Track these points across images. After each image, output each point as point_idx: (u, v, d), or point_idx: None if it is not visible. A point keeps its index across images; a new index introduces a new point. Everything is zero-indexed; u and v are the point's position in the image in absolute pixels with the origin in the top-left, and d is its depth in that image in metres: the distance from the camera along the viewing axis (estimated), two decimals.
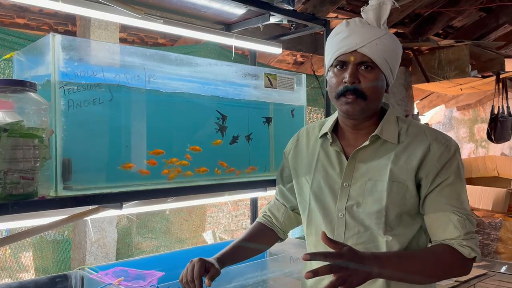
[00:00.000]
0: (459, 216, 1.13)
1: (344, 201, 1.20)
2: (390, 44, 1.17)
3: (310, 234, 1.30)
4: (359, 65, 1.15)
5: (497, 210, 4.78)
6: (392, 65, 1.19)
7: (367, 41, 1.14)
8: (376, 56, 1.14)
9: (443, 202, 1.14)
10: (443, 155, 1.16)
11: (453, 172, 1.15)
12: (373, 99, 1.17)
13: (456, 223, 1.12)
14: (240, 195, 1.89)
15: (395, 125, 1.22)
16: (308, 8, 3.33)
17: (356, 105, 1.16)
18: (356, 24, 1.18)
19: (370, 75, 1.15)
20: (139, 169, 1.39)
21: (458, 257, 1.11)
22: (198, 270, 1.19)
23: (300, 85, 1.93)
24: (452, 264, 1.12)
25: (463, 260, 1.11)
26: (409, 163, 1.16)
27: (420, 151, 1.16)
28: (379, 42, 1.14)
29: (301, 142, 1.38)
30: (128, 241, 3.09)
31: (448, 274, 1.15)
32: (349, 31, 1.17)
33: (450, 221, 1.12)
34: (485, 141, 6.45)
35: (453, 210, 1.13)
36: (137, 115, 1.41)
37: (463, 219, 1.12)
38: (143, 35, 3.54)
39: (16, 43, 2.15)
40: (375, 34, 1.15)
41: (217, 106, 1.62)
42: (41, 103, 1.16)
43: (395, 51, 1.19)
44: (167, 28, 1.70)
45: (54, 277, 1.66)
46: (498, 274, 2.47)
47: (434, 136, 1.19)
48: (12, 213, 1.06)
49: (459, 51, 4.23)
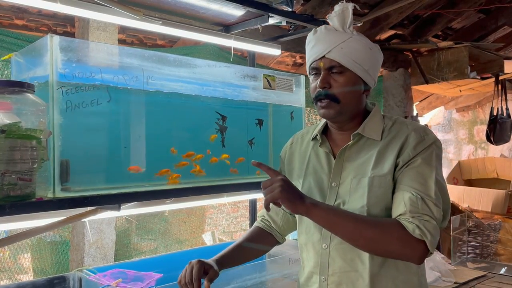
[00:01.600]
0: (412, 195, 1.12)
1: (332, 200, 1.23)
2: (356, 46, 1.20)
3: (301, 233, 1.33)
4: (330, 70, 1.21)
5: (497, 211, 4.77)
6: (365, 65, 1.21)
7: (332, 46, 1.19)
8: (344, 59, 1.19)
9: (403, 182, 1.14)
10: (419, 145, 1.17)
11: (421, 157, 1.16)
12: (347, 102, 1.22)
13: (406, 201, 1.11)
14: (239, 197, 1.88)
15: (380, 123, 1.25)
16: (307, 9, 3.33)
17: (330, 109, 1.21)
18: (322, 31, 1.23)
19: (341, 79, 1.20)
20: (171, 176, 1.43)
21: (402, 232, 1.08)
22: (197, 272, 1.20)
23: (299, 87, 1.93)
24: (391, 235, 1.09)
25: (406, 235, 1.08)
26: (390, 156, 1.18)
27: (399, 142, 1.19)
28: (344, 46, 1.19)
29: (295, 146, 1.42)
30: (126, 242, 3.09)
31: (384, 244, 1.10)
32: (316, 39, 1.23)
33: (403, 199, 1.12)
34: (485, 142, 6.45)
35: (409, 190, 1.13)
36: (135, 116, 1.41)
37: (416, 198, 1.11)
38: (142, 36, 3.54)
39: (14, 44, 2.14)
40: (340, 38, 1.20)
41: (216, 107, 1.62)
42: (39, 104, 1.16)
43: (364, 51, 1.21)
44: (166, 30, 1.69)
45: (52, 278, 1.66)
46: (497, 275, 2.47)
47: (413, 127, 1.21)
48: (9, 214, 1.06)
49: (458, 53, 4.23)
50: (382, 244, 1.10)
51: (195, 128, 1.58)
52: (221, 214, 4.77)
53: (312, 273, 1.26)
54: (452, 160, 6.92)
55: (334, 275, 1.21)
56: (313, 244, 1.26)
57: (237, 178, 1.68)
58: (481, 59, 4.46)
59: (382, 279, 1.18)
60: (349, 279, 1.19)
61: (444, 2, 4.06)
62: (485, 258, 3.54)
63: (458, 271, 2.48)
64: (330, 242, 1.21)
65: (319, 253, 1.23)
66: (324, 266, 1.22)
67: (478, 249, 3.64)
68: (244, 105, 1.73)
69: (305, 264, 1.30)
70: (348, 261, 1.19)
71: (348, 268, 1.19)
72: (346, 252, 1.19)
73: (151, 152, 1.43)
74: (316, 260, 1.24)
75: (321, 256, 1.23)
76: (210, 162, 1.59)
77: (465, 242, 3.59)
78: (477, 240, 3.67)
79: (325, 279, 1.22)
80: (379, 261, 1.18)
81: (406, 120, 1.28)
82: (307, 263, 1.29)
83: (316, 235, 1.25)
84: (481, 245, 3.62)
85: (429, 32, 4.27)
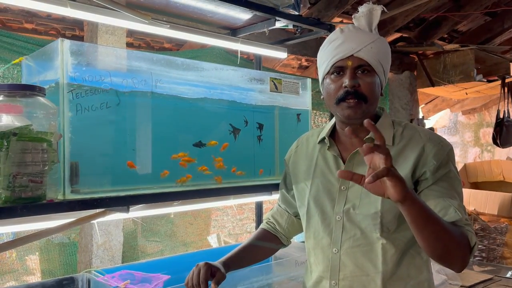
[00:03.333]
0: (459, 203, 1.13)
1: (342, 204, 1.22)
2: (382, 47, 1.21)
3: (309, 238, 1.32)
4: (357, 69, 1.18)
5: (503, 214, 4.75)
6: (385, 67, 1.22)
7: (362, 45, 1.17)
8: (372, 59, 1.18)
9: (442, 191, 1.14)
10: (438, 153, 1.17)
11: (451, 168, 1.17)
12: (373, 102, 1.21)
13: (457, 207, 1.11)
14: (245, 199, 1.89)
15: (390, 128, 1.25)
16: (313, 13, 3.34)
17: (358, 109, 1.18)
18: (350, 30, 1.21)
19: (368, 78, 1.19)
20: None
21: (464, 239, 1.06)
22: (204, 274, 1.21)
23: (305, 89, 1.94)
24: (460, 242, 1.05)
25: (466, 243, 1.06)
26: (405, 164, 1.18)
27: (415, 152, 1.18)
28: (373, 46, 1.18)
29: (301, 149, 1.41)
30: (133, 244, 3.10)
31: (453, 249, 1.04)
32: (344, 38, 1.20)
33: (451, 205, 1.11)
34: (491, 145, 6.42)
35: (452, 197, 1.13)
36: (144, 119, 1.43)
37: (462, 207, 1.12)
38: (149, 40, 3.57)
39: (24, 48, 2.16)
40: (369, 38, 1.19)
41: (223, 110, 1.64)
42: (49, 107, 1.17)
43: (387, 54, 1.23)
44: (173, 33, 1.71)
45: (61, 279, 1.67)
46: (504, 279, 2.46)
47: (428, 137, 1.21)
48: (20, 216, 1.07)
49: (464, 55, 4.23)
50: (452, 250, 1.04)
51: (204, 130, 1.59)
52: (227, 216, 4.78)
53: (322, 277, 1.25)
54: (458, 162, 6.89)
55: (345, 280, 1.20)
56: (322, 248, 1.25)
57: (244, 180, 1.69)
58: (487, 61, 4.45)
59: (394, 284, 1.18)
60: (360, 284, 1.19)
61: (450, 5, 4.06)
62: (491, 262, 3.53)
63: (464, 274, 2.47)
64: (340, 247, 1.21)
65: (329, 257, 1.23)
66: (334, 271, 1.22)
67: (485, 252, 3.63)
68: (250, 108, 1.74)
69: (313, 268, 1.30)
70: (359, 266, 1.19)
71: (359, 272, 1.19)
72: (357, 256, 1.19)
73: (159, 155, 1.44)
74: (326, 265, 1.24)
75: (332, 261, 1.22)
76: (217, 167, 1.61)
77: None
78: (484, 243, 3.66)
79: (335, 284, 1.22)
80: (392, 266, 1.18)
81: (416, 125, 1.28)
82: (316, 267, 1.28)
83: (326, 239, 1.24)
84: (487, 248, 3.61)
85: (435, 35, 4.26)
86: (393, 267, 1.17)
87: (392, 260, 1.18)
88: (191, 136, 1.55)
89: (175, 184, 1.47)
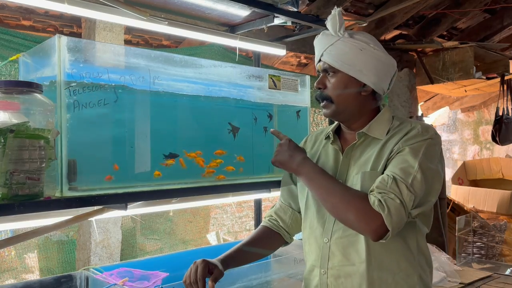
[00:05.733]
0: (387, 175, 1.13)
1: None
2: (343, 48, 1.23)
3: (305, 228, 1.36)
4: (326, 72, 1.27)
5: (502, 212, 4.76)
6: (356, 66, 1.23)
7: (323, 49, 1.26)
8: (333, 61, 1.24)
9: (387, 168, 1.17)
10: (413, 138, 1.19)
11: (409, 146, 1.17)
12: (341, 101, 1.26)
13: (378, 179, 1.14)
14: (244, 196, 1.89)
15: (387, 123, 1.28)
16: (312, 9, 3.33)
17: (327, 109, 1.28)
18: (318, 36, 1.31)
19: (333, 80, 1.26)
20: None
21: (363, 204, 1.11)
22: (202, 271, 1.21)
23: (304, 87, 1.93)
24: (353, 204, 1.13)
25: (366, 207, 1.11)
26: (387, 151, 1.21)
27: (398, 137, 1.21)
28: (332, 48, 1.24)
29: (308, 145, 1.45)
30: (132, 242, 3.10)
31: (344, 210, 1.14)
32: (315, 44, 1.32)
33: (376, 179, 1.15)
34: (490, 143, 6.42)
35: (387, 173, 1.15)
36: (142, 116, 1.42)
37: (388, 178, 1.13)
38: (147, 37, 3.56)
39: (22, 44, 2.15)
40: (329, 41, 1.25)
41: (221, 107, 1.63)
42: (47, 104, 1.17)
43: (352, 52, 1.23)
44: (171, 30, 1.70)
45: (59, 277, 1.67)
46: (503, 276, 2.46)
47: (416, 125, 1.23)
48: (18, 213, 1.07)
49: (463, 53, 4.22)
50: (342, 211, 1.15)
51: (202, 127, 1.58)
52: (226, 214, 4.78)
53: (314, 266, 1.30)
54: (457, 160, 6.90)
55: (333, 269, 1.24)
56: (315, 238, 1.29)
57: (242, 178, 1.68)
58: (487, 59, 4.44)
59: (380, 274, 1.20)
60: (346, 273, 1.22)
61: (449, 2, 4.05)
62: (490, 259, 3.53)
63: (463, 271, 2.47)
64: (331, 237, 1.25)
65: (321, 246, 1.27)
66: (324, 260, 1.26)
67: (484, 250, 3.63)
68: (249, 105, 1.73)
69: (308, 257, 1.34)
70: (346, 255, 1.22)
71: (346, 262, 1.22)
72: (345, 246, 1.22)
73: (157, 152, 1.44)
74: (317, 254, 1.28)
75: (322, 250, 1.26)
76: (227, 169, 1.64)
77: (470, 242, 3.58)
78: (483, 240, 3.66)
79: (324, 272, 1.25)
80: (376, 256, 1.19)
81: (415, 121, 1.30)
82: (309, 256, 1.32)
83: (319, 229, 1.28)
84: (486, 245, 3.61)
85: (434, 32, 4.26)
86: (378, 257, 1.19)
87: (376, 250, 1.19)
88: (189, 132, 1.54)
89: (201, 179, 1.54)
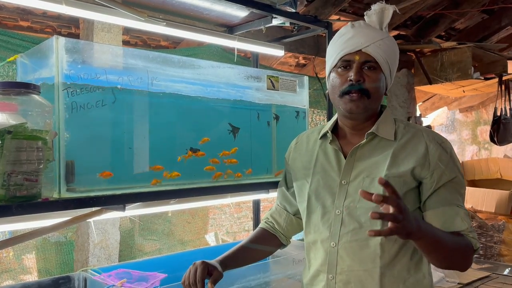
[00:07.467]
0: (464, 210, 1.19)
1: (342, 198, 1.23)
2: (391, 46, 1.22)
3: (309, 233, 1.32)
4: (363, 65, 1.20)
5: (500, 212, 4.77)
6: (391, 67, 1.24)
7: (371, 41, 1.19)
8: (379, 56, 1.19)
9: (449, 198, 1.18)
10: (442, 155, 1.20)
11: (458, 172, 1.21)
12: (375, 98, 1.22)
13: (463, 216, 1.17)
14: (242, 197, 1.89)
15: (392, 124, 1.27)
16: (310, 10, 3.34)
17: (360, 103, 1.20)
18: (361, 26, 1.23)
19: (374, 75, 1.20)
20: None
21: (469, 247, 1.16)
22: (201, 273, 1.20)
23: (303, 87, 1.93)
24: (464, 252, 1.15)
25: (470, 250, 1.16)
26: (407, 160, 1.20)
27: (418, 150, 1.20)
28: (381, 43, 1.20)
29: (300, 146, 1.41)
30: (130, 243, 3.10)
31: (461, 261, 1.17)
32: (354, 32, 1.22)
33: (457, 214, 1.17)
34: (488, 143, 6.43)
35: (458, 205, 1.18)
36: (140, 117, 1.42)
37: (467, 214, 1.18)
38: (145, 38, 3.55)
39: (19, 45, 2.15)
40: (379, 35, 1.21)
41: (219, 108, 1.63)
42: (44, 105, 1.17)
43: (395, 53, 1.25)
44: (170, 31, 1.70)
45: (57, 278, 1.67)
46: (501, 276, 2.46)
47: (431, 137, 1.23)
48: (15, 214, 1.06)
49: (461, 53, 4.22)
50: (457, 262, 1.17)
51: (200, 128, 1.58)
52: (224, 215, 4.77)
53: (319, 271, 1.26)
54: None
55: (343, 274, 1.21)
56: (321, 242, 1.25)
57: (241, 179, 1.68)
58: (485, 59, 4.45)
59: (392, 280, 1.18)
60: (357, 278, 1.19)
61: (447, 3, 4.06)
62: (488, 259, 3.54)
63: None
64: (338, 240, 1.21)
65: (328, 251, 1.23)
66: (332, 265, 1.22)
67: (482, 250, 3.63)
68: (248, 106, 1.73)
69: (312, 263, 1.30)
70: (357, 260, 1.19)
71: (357, 267, 1.19)
72: (355, 251, 1.19)
73: (155, 153, 1.44)
74: (323, 258, 1.24)
75: (329, 255, 1.22)
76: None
77: None
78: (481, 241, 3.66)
79: (332, 278, 1.22)
80: (390, 262, 1.18)
81: (416, 124, 1.31)
82: (314, 261, 1.28)
83: (325, 233, 1.24)
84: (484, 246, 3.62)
85: (432, 33, 4.26)
86: (391, 263, 1.18)
87: (390, 256, 1.18)
88: (188, 134, 1.54)
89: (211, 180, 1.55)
